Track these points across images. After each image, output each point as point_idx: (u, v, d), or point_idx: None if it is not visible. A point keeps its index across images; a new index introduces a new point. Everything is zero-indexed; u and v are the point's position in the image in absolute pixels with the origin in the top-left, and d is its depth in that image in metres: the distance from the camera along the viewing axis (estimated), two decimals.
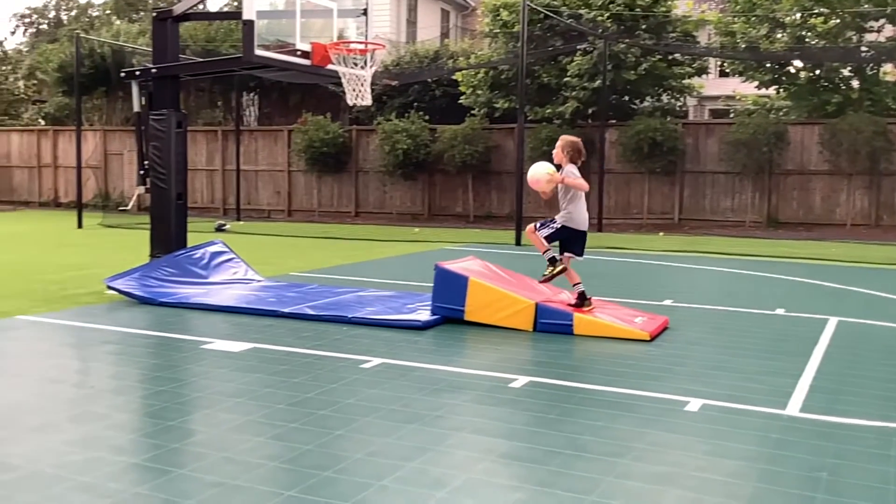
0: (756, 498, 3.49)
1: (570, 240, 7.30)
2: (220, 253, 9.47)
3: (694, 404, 4.81)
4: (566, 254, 7.34)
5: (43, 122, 30.80)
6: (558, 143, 7.42)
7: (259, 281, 9.33)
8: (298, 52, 8.68)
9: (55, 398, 4.78)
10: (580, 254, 7.35)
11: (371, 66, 8.95)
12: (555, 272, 7.24)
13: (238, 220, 22.01)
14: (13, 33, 53.52)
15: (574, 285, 7.22)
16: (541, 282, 7.49)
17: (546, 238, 7.22)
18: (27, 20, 54.52)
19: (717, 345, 6.61)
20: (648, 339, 6.59)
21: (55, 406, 4.62)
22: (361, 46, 8.94)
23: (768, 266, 12.20)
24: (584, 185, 7.31)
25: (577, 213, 7.25)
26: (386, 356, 5.95)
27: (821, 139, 18.90)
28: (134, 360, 5.89)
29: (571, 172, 7.27)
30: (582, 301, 7.14)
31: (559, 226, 7.23)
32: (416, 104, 22.62)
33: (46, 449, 3.89)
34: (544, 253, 7.30)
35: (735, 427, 4.43)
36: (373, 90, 9.22)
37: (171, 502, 3.31)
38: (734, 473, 3.77)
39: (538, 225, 7.31)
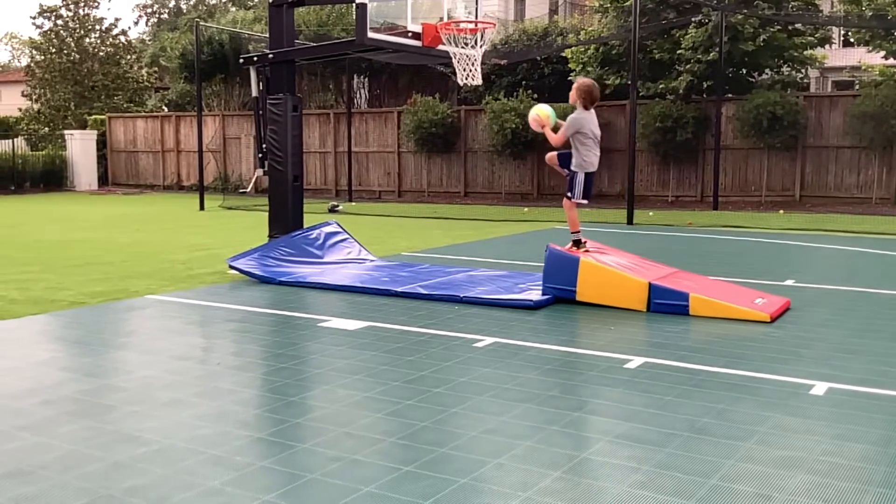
0: (889, 482, 3.34)
1: (588, 182, 7.56)
2: (335, 233, 9.68)
3: (819, 388, 4.63)
4: (584, 200, 7.58)
5: (166, 109, 32.16)
6: (574, 86, 7.57)
7: (372, 261, 9.50)
8: (409, 34, 8.74)
9: (184, 374, 5.01)
10: (589, 197, 7.64)
11: (481, 46, 8.94)
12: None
13: (350, 201, 22.44)
14: (136, 23, 55.96)
15: (574, 233, 7.51)
16: None
17: (582, 192, 7.51)
18: (149, 10, 56.91)
19: (843, 327, 6.33)
20: (769, 320, 6.37)
21: (184, 382, 4.84)
22: (471, 26, 8.93)
23: None
24: (559, 139, 7.49)
25: (587, 157, 7.46)
26: (498, 335, 5.97)
27: None
28: (256, 337, 6.10)
29: (575, 118, 7.39)
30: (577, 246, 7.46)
31: (580, 177, 7.49)
32: (524, 83, 22.45)
33: (177, 423, 4.08)
34: (574, 233, 7.55)
35: (864, 411, 4.24)
36: (482, 69, 9.21)
37: (295, 476, 3.42)
38: (865, 458, 3.62)
39: (568, 193, 7.60)
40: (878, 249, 11.08)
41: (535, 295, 7.24)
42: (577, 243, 7.48)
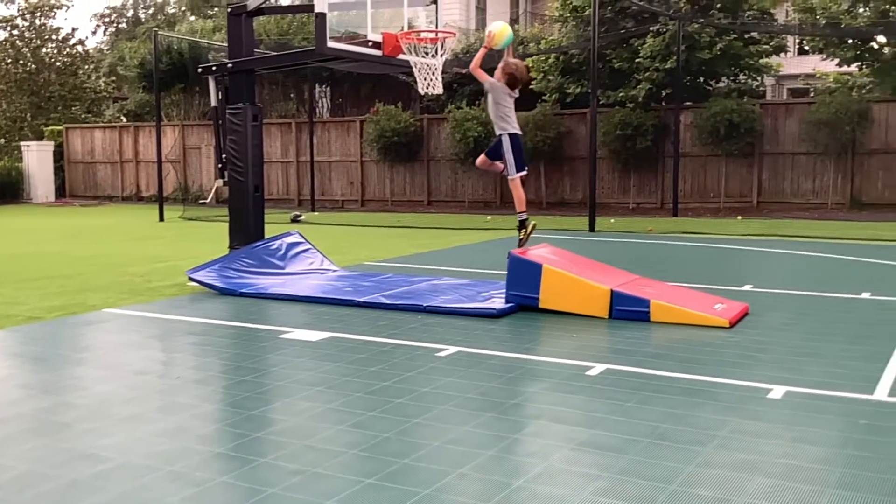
0: (845, 484, 3.40)
1: (517, 147, 7.63)
2: (297, 244, 9.63)
3: (777, 391, 4.70)
4: (521, 173, 7.64)
5: (124, 119, 31.76)
6: (500, 65, 7.69)
7: (335, 271, 9.46)
8: (370, 43, 8.73)
9: (143, 389, 4.94)
10: (524, 166, 7.72)
11: (442, 55, 8.95)
12: (529, 231, 7.64)
13: (313, 210, 22.34)
14: (94, 33, 55.19)
15: (520, 212, 7.64)
16: (521, 245, 7.71)
17: (516, 167, 7.59)
18: (107, 19, 56.21)
19: (800, 331, 6.43)
20: (728, 326, 6.46)
21: (143, 397, 4.77)
22: (432, 35, 8.94)
23: (852, 249, 11.81)
24: (479, 71, 7.67)
25: (510, 120, 7.59)
26: (461, 344, 5.97)
27: None
28: (216, 350, 6.04)
29: (498, 86, 7.56)
30: (523, 225, 7.62)
31: (506, 143, 7.59)
32: (487, 91, 22.53)
33: (136, 439, 4.02)
34: (520, 212, 7.67)
35: (821, 413, 4.31)
36: (443, 78, 9.23)
37: (256, 490, 3.39)
38: (821, 460, 3.68)
39: (505, 172, 7.68)
40: (833, 254, 11.28)
41: (499, 303, 7.26)
42: (523, 224, 7.62)
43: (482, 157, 8.01)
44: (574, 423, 4.23)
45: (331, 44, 8.29)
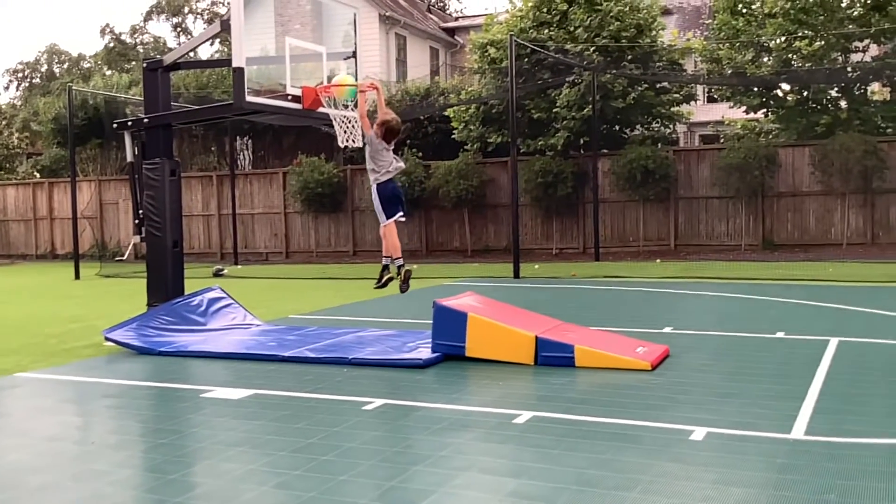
0: None
1: (390, 197, 7.65)
2: (218, 299, 9.45)
3: (699, 433, 4.78)
4: (393, 218, 7.68)
5: (38, 175, 30.92)
6: (377, 120, 7.69)
7: (258, 325, 9.31)
8: (289, 97, 8.74)
9: (57, 457, 4.74)
10: (398, 211, 7.70)
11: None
12: (403, 277, 7.75)
13: (236, 264, 22.01)
14: (6, 88, 53.91)
15: (385, 257, 7.82)
16: (403, 291, 7.89)
17: (385, 211, 7.63)
18: (20, 75, 55.00)
19: (718, 371, 6.58)
20: (650, 368, 6.57)
21: (57, 465, 4.58)
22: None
23: (766, 289, 12.20)
24: (365, 122, 7.65)
25: (382, 171, 7.59)
26: (388, 397, 5.92)
27: (812, 160, 18.99)
28: (134, 412, 5.85)
29: (376, 146, 7.51)
30: (387, 270, 7.78)
31: (376, 189, 7.65)
32: (409, 142, 22.75)
33: None
34: (384, 259, 7.86)
35: (741, 454, 4.40)
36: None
37: None
38: (742, 501, 3.74)
39: (381, 220, 7.73)
40: (748, 294, 11.63)
41: (425, 353, 7.24)
42: (387, 268, 7.80)
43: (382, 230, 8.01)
44: (501, 473, 4.22)
45: (250, 98, 8.27)
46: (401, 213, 7.71)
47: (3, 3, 67.90)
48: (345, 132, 8.45)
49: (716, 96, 23.85)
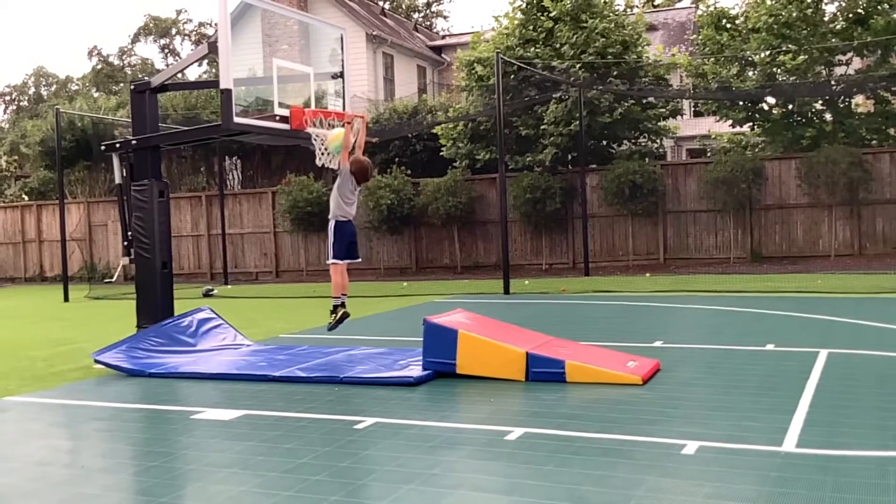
0: None
1: (349, 242, 7.93)
2: (208, 319, 9.42)
3: (691, 447, 4.79)
4: (346, 261, 7.95)
5: (27, 198, 30.82)
6: (351, 159, 7.97)
7: (248, 345, 9.28)
8: (277, 118, 8.76)
9: (46, 481, 4.70)
10: (351, 255, 7.98)
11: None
12: (338, 318, 8.03)
13: (226, 284, 21.95)
14: None
15: (336, 297, 7.99)
16: (329, 329, 8.22)
17: (335, 253, 7.89)
18: (7, 97, 54.94)
19: (709, 385, 6.60)
20: (641, 383, 6.57)
21: (44, 490, 4.55)
22: (339, 110, 9.04)
23: (755, 301, 12.25)
24: (345, 160, 7.94)
25: (345, 208, 7.91)
26: (379, 415, 5.91)
27: (798, 173, 19.13)
28: (124, 435, 5.82)
29: (346, 181, 7.86)
30: (335, 310, 7.95)
31: (333, 226, 7.88)
32: (397, 159, 22.81)
33: None
34: (335, 297, 8.02)
35: (733, 468, 4.41)
36: None
37: None
38: None
39: (328, 254, 7.98)
40: (737, 307, 11.66)
41: (416, 371, 7.23)
42: (335, 309, 7.93)
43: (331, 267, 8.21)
44: (493, 491, 4.21)
45: (238, 119, 8.28)
46: (357, 258, 8.09)
47: None
48: (320, 150, 8.57)
49: (702, 110, 24.02)
